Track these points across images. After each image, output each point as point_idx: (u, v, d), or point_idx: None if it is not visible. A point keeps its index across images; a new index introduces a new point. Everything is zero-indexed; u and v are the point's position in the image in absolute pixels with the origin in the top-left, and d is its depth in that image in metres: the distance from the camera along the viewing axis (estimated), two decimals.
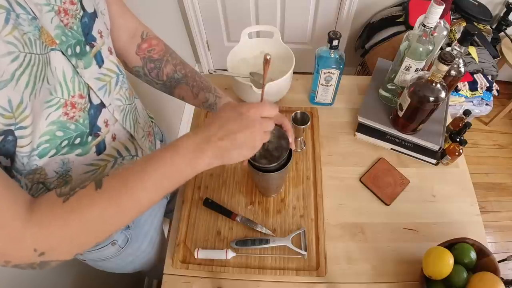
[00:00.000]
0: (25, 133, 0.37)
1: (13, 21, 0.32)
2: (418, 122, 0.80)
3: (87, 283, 0.98)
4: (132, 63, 0.63)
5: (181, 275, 0.71)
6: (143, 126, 0.64)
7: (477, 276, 0.59)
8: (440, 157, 0.84)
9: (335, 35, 0.76)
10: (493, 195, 1.79)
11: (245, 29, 0.95)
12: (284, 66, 0.93)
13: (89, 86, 0.45)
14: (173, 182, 0.42)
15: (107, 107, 0.49)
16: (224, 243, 0.74)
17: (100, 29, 0.47)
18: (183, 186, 0.83)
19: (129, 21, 0.61)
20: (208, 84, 0.67)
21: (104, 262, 0.69)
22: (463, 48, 0.71)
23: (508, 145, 1.98)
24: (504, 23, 1.68)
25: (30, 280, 0.76)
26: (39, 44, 0.36)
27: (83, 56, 0.44)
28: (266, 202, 0.79)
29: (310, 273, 0.70)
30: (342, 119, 0.94)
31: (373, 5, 1.75)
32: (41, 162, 0.42)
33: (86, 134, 0.46)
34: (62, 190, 0.38)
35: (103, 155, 0.51)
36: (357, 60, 1.99)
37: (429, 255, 0.62)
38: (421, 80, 0.72)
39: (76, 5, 0.42)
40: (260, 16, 1.90)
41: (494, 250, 1.64)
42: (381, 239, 0.75)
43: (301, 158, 0.86)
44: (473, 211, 0.79)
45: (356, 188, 0.82)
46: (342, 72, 0.85)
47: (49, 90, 0.39)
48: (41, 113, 0.39)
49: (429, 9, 0.67)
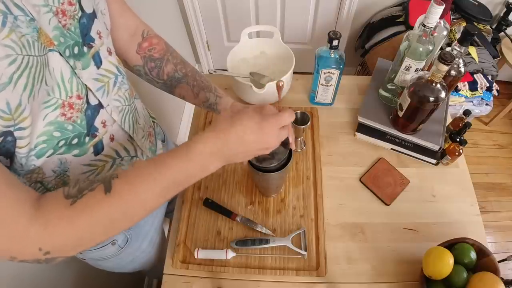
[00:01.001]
0: (24, 134, 0.37)
1: (10, 24, 0.32)
2: (418, 122, 0.80)
3: (88, 281, 0.98)
4: (133, 62, 0.63)
5: (181, 275, 0.71)
6: (143, 126, 0.64)
7: (477, 276, 0.59)
8: (440, 157, 0.84)
9: (335, 35, 0.76)
10: (493, 195, 1.79)
11: (245, 29, 0.95)
12: (284, 66, 0.93)
13: (87, 87, 0.45)
14: (182, 186, 0.43)
15: (105, 108, 0.49)
16: (224, 243, 0.74)
17: (99, 29, 0.47)
18: None
19: (130, 19, 0.61)
20: (208, 83, 0.67)
21: (104, 261, 0.69)
22: (463, 48, 0.71)
23: (508, 145, 1.98)
24: (504, 23, 1.68)
25: (31, 278, 0.76)
26: (38, 46, 0.36)
27: (81, 57, 0.44)
28: (266, 202, 0.79)
29: (310, 273, 0.70)
30: (342, 119, 0.94)
31: (373, 5, 1.75)
32: (39, 162, 0.42)
33: (83, 135, 0.46)
34: (70, 191, 0.38)
35: (101, 155, 0.51)
36: (357, 60, 1.99)
37: (429, 255, 0.62)
38: (421, 80, 0.72)
39: (75, 5, 0.42)
40: (260, 16, 1.90)
41: (494, 250, 1.64)
42: (381, 239, 0.75)
43: (301, 158, 0.86)
44: (473, 211, 0.79)
45: (356, 188, 0.82)
46: (342, 72, 0.85)
47: (47, 91, 0.39)
48: (38, 114, 0.39)
49: (429, 9, 0.67)
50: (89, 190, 0.38)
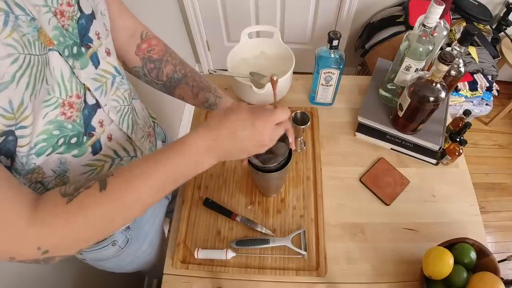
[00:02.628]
0: (26, 132, 0.37)
1: (12, 23, 0.33)
2: (418, 122, 0.80)
3: (87, 281, 0.98)
4: (132, 63, 0.63)
5: (181, 275, 0.71)
6: (143, 127, 0.64)
7: (477, 276, 0.59)
8: (440, 157, 0.84)
9: (335, 35, 0.76)
10: (493, 195, 1.79)
11: (245, 29, 0.96)
12: (284, 66, 0.93)
13: (85, 86, 0.45)
14: (176, 182, 0.43)
15: (102, 108, 0.49)
16: (224, 243, 0.74)
17: (98, 30, 0.47)
18: (183, 186, 0.83)
19: (128, 21, 0.61)
20: (208, 84, 0.67)
21: (104, 262, 0.69)
22: (463, 48, 0.71)
23: (508, 145, 1.98)
24: (504, 23, 1.68)
25: (31, 278, 0.76)
26: (38, 45, 0.36)
27: (80, 57, 0.44)
28: (266, 202, 0.79)
29: (310, 273, 0.70)
30: (342, 119, 0.94)
31: (373, 5, 1.75)
32: (39, 161, 0.43)
33: (82, 134, 0.46)
34: (66, 189, 0.38)
35: (99, 155, 0.51)
36: (357, 60, 1.99)
37: (429, 255, 0.62)
38: (421, 80, 0.72)
39: (73, 6, 0.42)
40: (260, 16, 1.90)
41: (494, 250, 1.64)
42: (381, 239, 0.75)
43: (301, 158, 0.86)
44: (473, 211, 0.79)
45: (356, 188, 0.82)
46: (342, 72, 0.85)
47: (47, 90, 0.39)
48: (39, 112, 0.39)
49: (429, 9, 0.67)
50: (85, 188, 0.38)
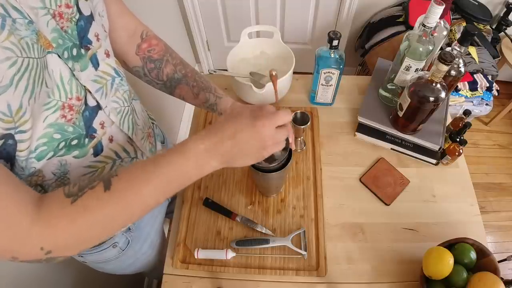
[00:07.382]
0: (25, 137, 0.37)
1: (9, 27, 0.32)
2: (418, 122, 0.80)
3: (87, 282, 0.98)
4: (132, 63, 0.63)
5: (181, 275, 0.71)
6: (142, 128, 0.64)
7: (477, 276, 0.59)
8: (440, 157, 0.84)
9: (335, 35, 0.76)
10: (493, 195, 1.79)
11: (245, 29, 0.95)
12: (284, 66, 0.93)
13: (86, 88, 0.45)
14: (179, 184, 0.43)
15: (103, 109, 0.49)
16: (224, 243, 0.74)
17: (97, 32, 0.47)
18: None
19: (128, 21, 0.61)
20: (208, 84, 0.67)
21: (105, 263, 0.69)
22: (463, 48, 0.71)
23: (508, 145, 1.98)
24: (504, 23, 1.68)
25: (31, 279, 0.76)
26: (37, 48, 0.36)
27: (80, 58, 0.44)
28: (266, 202, 0.79)
29: (310, 273, 0.70)
30: (342, 119, 0.94)
31: (373, 5, 1.75)
32: (39, 165, 0.42)
33: (83, 136, 0.46)
34: (70, 189, 0.38)
35: (100, 156, 0.51)
36: (357, 60, 1.99)
37: (429, 255, 0.62)
38: (421, 80, 0.72)
39: (72, 8, 0.42)
40: (260, 16, 1.90)
41: (494, 250, 1.64)
42: (381, 239, 0.75)
43: (301, 158, 0.86)
44: (473, 211, 0.79)
45: (356, 188, 0.82)
46: (342, 72, 0.85)
47: (47, 93, 0.39)
48: (39, 116, 0.39)
49: (429, 9, 0.67)
50: (89, 188, 0.38)
